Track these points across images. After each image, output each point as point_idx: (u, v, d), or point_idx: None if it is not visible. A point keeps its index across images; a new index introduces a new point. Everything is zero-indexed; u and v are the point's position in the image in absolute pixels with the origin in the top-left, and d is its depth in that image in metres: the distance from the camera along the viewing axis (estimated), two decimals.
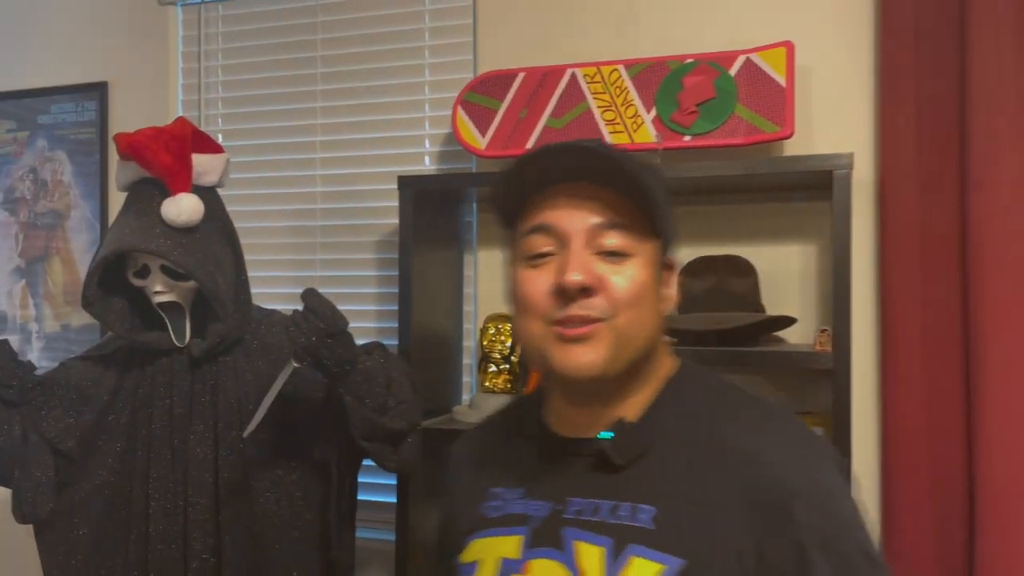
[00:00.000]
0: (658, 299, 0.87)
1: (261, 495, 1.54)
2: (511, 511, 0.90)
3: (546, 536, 0.85)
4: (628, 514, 0.81)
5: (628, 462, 0.84)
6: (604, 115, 1.72)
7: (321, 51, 2.15)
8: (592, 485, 0.85)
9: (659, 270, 0.87)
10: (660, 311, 0.88)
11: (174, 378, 1.54)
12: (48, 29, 2.39)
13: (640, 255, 0.84)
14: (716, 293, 1.62)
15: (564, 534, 0.84)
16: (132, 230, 1.43)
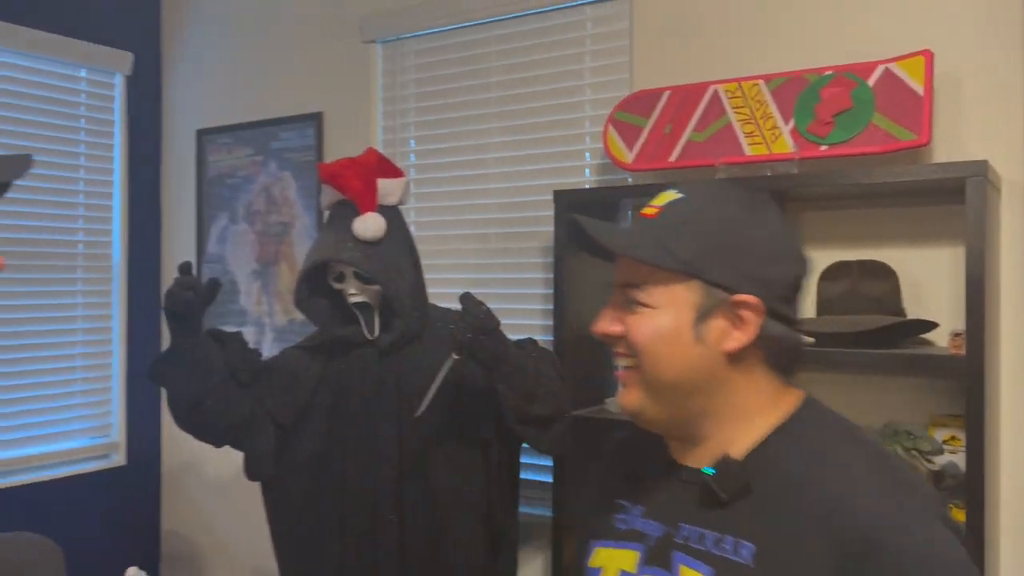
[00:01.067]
0: (695, 339, 0.87)
1: (436, 468, 1.81)
2: (633, 527, 0.94)
3: (658, 556, 0.89)
4: (731, 548, 0.83)
5: (731, 497, 0.85)
6: (744, 127, 1.82)
7: (496, 77, 2.40)
8: (700, 514, 0.87)
9: (700, 311, 0.87)
10: (700, 351, 0.87)
11: (366, 367, 1.84)
12: (278, 68, 2.84)
13: (666, 303, 0.87)
14: (851, 296, 1.67)
15: (673, 557, 0.87)
16: (330, 244, 1.75)
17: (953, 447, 1.69)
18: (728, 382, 0.89)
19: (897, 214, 1.81)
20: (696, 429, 0.90)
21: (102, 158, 2.98)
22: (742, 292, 0.86)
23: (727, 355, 0.87)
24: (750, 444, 0.88)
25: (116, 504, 3.00)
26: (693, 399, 0.89)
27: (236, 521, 2.96)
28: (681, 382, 0.88)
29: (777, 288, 0.88)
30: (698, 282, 0.87)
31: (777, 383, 0.91)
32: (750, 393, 0.89)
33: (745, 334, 0.86)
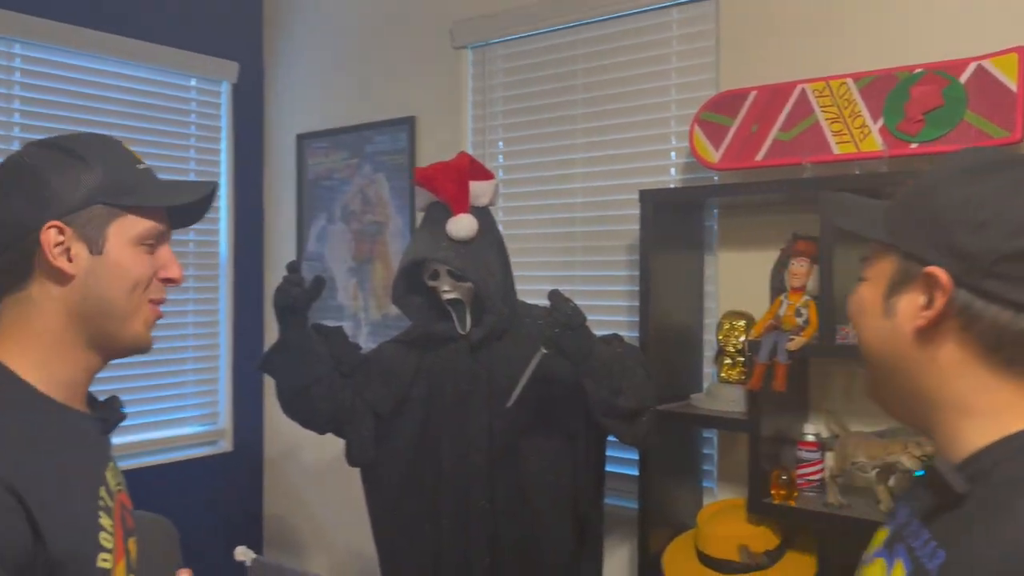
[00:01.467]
0: (884, 313, 0.82)
1: (526, 458, 1.89)
2: (898, 507, 0.91)
3: (892, 541, 0.86)
4: (929, 552, 0.78)
5: (939, 503, 0.78)
6: (832, 126, 1.83)
7: (582, 79, 2.46)
8: (926, 509, 0.81)
9: (891, 283, 0.82)
10: (888, 327, 0.82)
11: (459, 360, 1.94)
12: (373, 74, 2.97)
13: (873, 276, 0.85)
14: None
15: (896, 547, 0.84)
16: (425, 243, 1.85)
17: None
18: (927, 365, 0.80)
19: None
20: (917, 419, 0.84)
21: (210, 162, 3.17)
22: (932, 263, 0.77)
23: (916, 334, 0.79)
24: (974, 446, 0.78)
25: (222, 488, 3.20)
26: (895, 380, 0.83)
27: (333, 506, 3.11)
28: (876, 358, 0.84)
29: (983, 260, 0.75)
30: (896, 253, 0.81)
31: (1015, 380, 0.78)
32: (961, 384, 0.79)
33: (932, 311, 0.77)
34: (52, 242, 0.95)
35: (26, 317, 0.97)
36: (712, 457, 2.22)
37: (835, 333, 1.74)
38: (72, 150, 0.98)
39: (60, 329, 0.97)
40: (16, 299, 0.97)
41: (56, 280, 0.96)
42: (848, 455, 1.75)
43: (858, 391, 1.97)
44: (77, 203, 0.96)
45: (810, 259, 1.80)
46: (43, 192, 0.95)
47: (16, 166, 0.98)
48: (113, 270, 0.98)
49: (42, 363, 0.97)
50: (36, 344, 0.97)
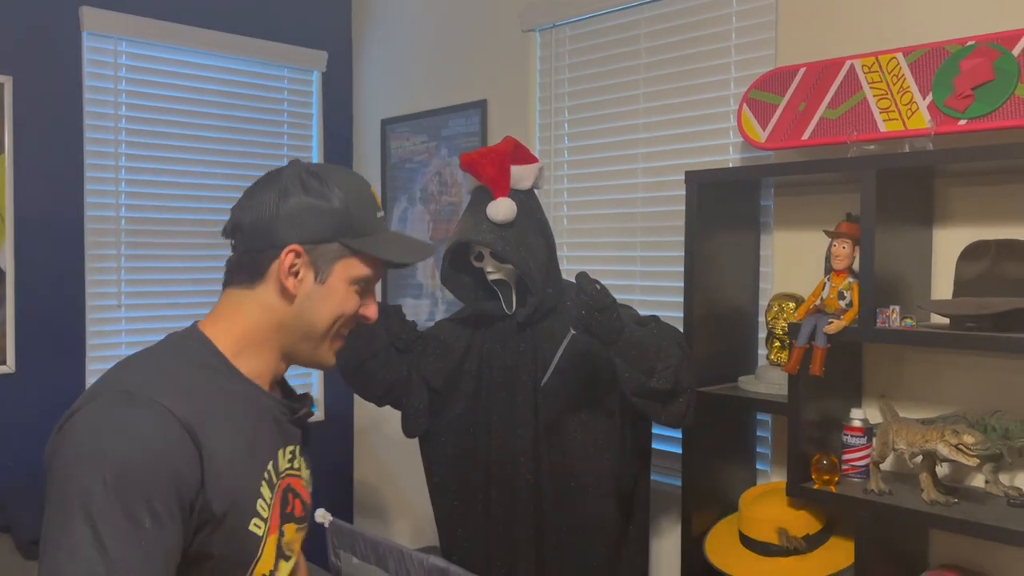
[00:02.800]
0: None
1: (570, 433, 1.95)
2: None
3: None
4: None
5: None
6: (879, 103, 1.77)
7: (644, 59, 2.46)
8: None
9: None
10: None
11: (506, 338, 2.01)
12: (448, 60, 3.06)
13: None
14: (988, 278, 1.60)
15: None
16: (468, 226, 1.92)
17: None
18: None
19: None
20: None
21: (302, 148, 3.36)
22: None
23: None
24: None
25: (316, 456, 3.40)
26: None
27: (416, 475, 3.26)
28: None
29: None
30: None
31: None
32: None
33: None
34: (289, 263, 1.07)
35: (243, 312, 1.10)
36: (767, 439, 2.20)
37: (875, 316, 1.69)
38: (332, 186, 1.09)
39: (266, 332, 1.10)
40: (240, 294, 1.11)
41: (279, 293, 1.09)
42: (889, 441, 1.71)
43: (909, 376, 1.91)
44: (321, 236, 1.08)
45: (852, 240, 1.76)
46: (301, 217, 1.07)
47: (289, 180, 1.09)
48: (327, 300, 1.11)
49: (241, 350, 1.10)
50: (242, 335, 1.10)
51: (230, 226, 1.12)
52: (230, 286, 1.12)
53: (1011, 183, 1.74)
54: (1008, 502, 1.67)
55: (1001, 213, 1.76)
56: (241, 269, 1.11)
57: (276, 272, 1.08)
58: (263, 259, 1.08)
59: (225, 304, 1.12)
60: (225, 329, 1.10)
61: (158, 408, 0.96)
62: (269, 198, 1.08)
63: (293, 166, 1.12)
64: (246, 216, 1.09)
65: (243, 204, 1.11)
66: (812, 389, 1.83)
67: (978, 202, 1.79)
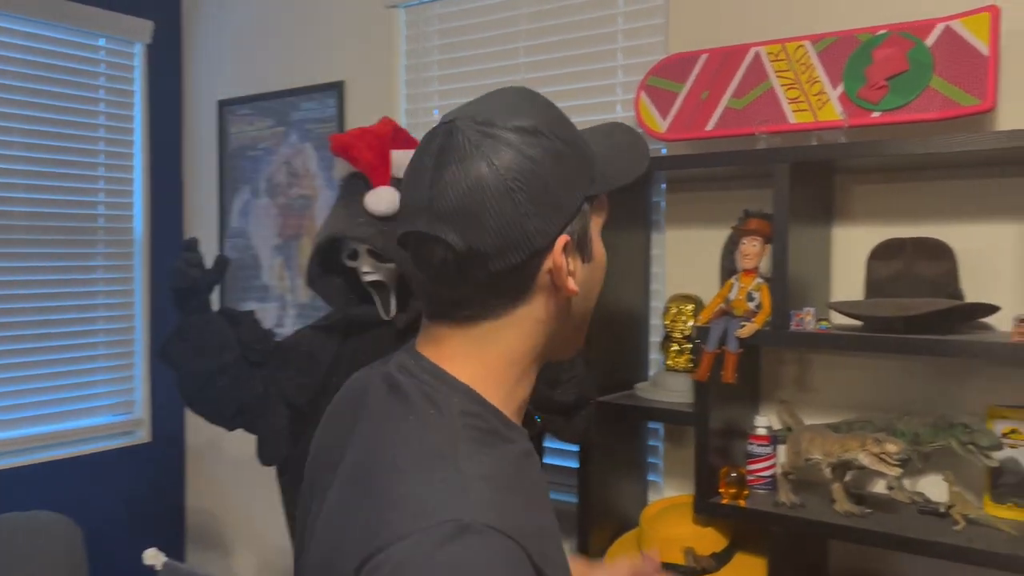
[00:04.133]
0: None
1: None
2: None
3: None
4: None
5: None
6: (787, 93, 1.68)
7: (523, 41, 2.27)
8: None
9: None
10: None
11: (383, 348, 1.75)
12: (298, 35, 2.74)
13: None
14: (903, 278, 1.53)
15: None
16: (340, 219, 1.65)
17: (1014, 441, 1.56)
18: None
19: (956, 187, 1.66)
20: None
21: (122, 130, 2.92)
22: None
23: None
24: None
25: (141, 481, 2.98)
26: None
27: (260, 499, 2.91)
28: None
29: None
30: None
31: None
32: None
33: None
34: (564, 263, 0.77)
35: (505, 342, 0.79)
36: (659, 450, 2.08)
37: (789, 319, 1.59)
38: (542, 131, 0.76)
39: (536, 351, 0.81)
40: (494, 325, 0.79)
41: (553, 300, 0.79)
42: (802, 450, 1.62)
43: (812, 379, 1.84)
44: (573, 205, 0.78)
45: (763, 238, 1.66)
46: (546, 197, 0.75)
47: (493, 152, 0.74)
48: (597, 275, 0.84)
49: (511, 388, 0.81)
50: (509, 368, 0.80)
51: (454, 259, 0.75)
52: (471, 322, 0.79)
53: (914, 180, 1.70)
54: (918, 510, 1.62)
55: (901, 211, 1.72)
56: (488, 297, 0.78)
57: (544, 281, 0.78)
58: (526, 273, 0.77)
59: (467, 340, 0.79)
60: (483, 369, 0.79)
61: (500, 541, 0.68)
62: (495, 193, 0.74)
63: (468, 128, 0.76)
64: (484, 237, 0.74)
65: (464, 220, 0.74)
66: (717, 397, 1.71)
67: (879, 200, 1.75)
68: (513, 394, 0.81)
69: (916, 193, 1.70)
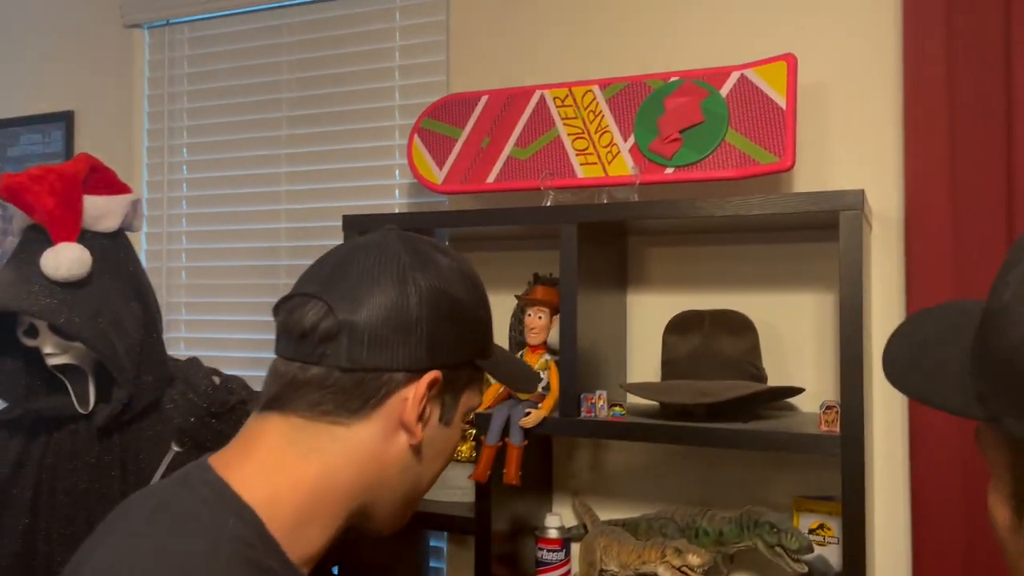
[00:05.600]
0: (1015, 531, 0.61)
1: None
2: None
3: None
4: None
5: None
6: (575, 144, 1.47)
7: (287, 74, 1.96)
8: None
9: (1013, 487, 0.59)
10: None
11: (79, 448, 1.36)
12: (14, 59, 2.28)
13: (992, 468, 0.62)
14: (703, 357, 1.34)
15: None
16: (8, 285, 1.25)
17: (822, 537, 1.39)
18: None
19: (755, 252, 1.51)
20: None
21: None
22: None
23: None
24: None
25: None
26: None
27: None
28: None
29: None
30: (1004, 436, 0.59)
31: None
32: None
33: None
34: (423, 398, 0.73)
35: (324, 455, 0.71)
36: (443, 552, 1.78)
37: (580, 404, 1.36)
38: (465, 279, 0.78)
39: (348, 493, 0.72)
40: (315, 431, 0.71)
41: (389, 438, 0.73)
42: (596, 560, 1.38)
43: (609, 468, 1.62)
44: (460, 356, 0.77)
45: (551, 309, 1.42)
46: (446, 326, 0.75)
47: (409, 264, 0.75)
48: (444, 447, 0.79)
49: (304, 527, 0.69)
50: (310, 498, 0.70)
51: (328, 325, 0.71)
52: (291, 411, 0.72)
53: (711, 244, 1.54)
54: None
55: (699, 277, 1.55)
56: (327, 392, 0.72)
57: (396, 407, 0.73)
58: (378, 386, 0.72)
59: (279, 444, 0.71)
60: (279, 488, 0.69)
61: None
62: (394, 291, 0.72)
63: (405, 240, 0.78)
64: (366, 319, 0.71)
65: (346, 292, 0.72)
66: (502, 495, 1.45)
67: (675, 264, 1.57)
68: (304, 535, 0.69)
69: (714, 258, 1.54)
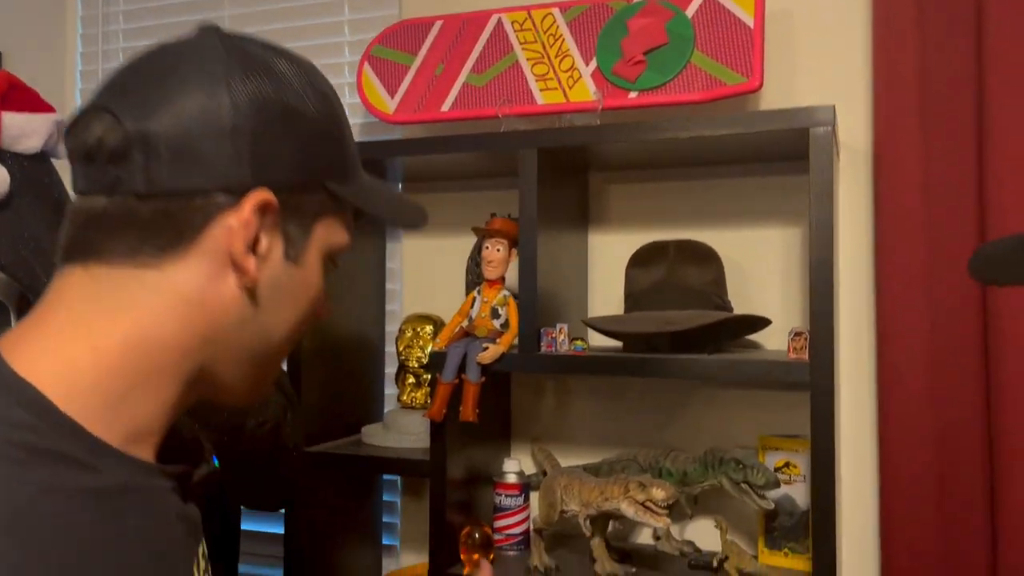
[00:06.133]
0: None
1: None
2: None
3: None
4: None
5: None
6: (534, 69, 1.40)
7: (229, 9, 1.86)
8: None
9: None
10: None
11: None
12: None
13: None
14: (667, 288, 1.29)
15: None
16: None
17: (788, 475, 1.35)
18: None
19: (718, 187, 1.46)
20: None
21: None
22: None
23: None
24: None
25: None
26: None
27: None
28: None
29: None
30: None
31: None
32: None
33: None
34: (252, 226, 0.56)
35: (134, 308, 0.55)
36: (396, 506, 1.70)
37: (539, 339, 1.30)
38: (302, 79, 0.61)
39: (185, 350, 0.57)
40: (121, 277, 0.55)
41: (216, 279, 0.56)
42: (556, 501, 1.32)
43: (570, 412, 1.56)
44: (298, 173, 0.58)
45: (509, 241, 1.35)
46: (271, 136, 0.56)
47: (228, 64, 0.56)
48: (298, 293, 0.62)
49: (121, 398, 0.54)
50: (124, 362, 0.54)
51: (115, 138, 0.54)
52: (92, 260, 0.56)
53: (674, 179, 1.49)
54: (689, 563, 1.37)
55: (661, 214, 1.50)
56: (131, 226, 0.55)
57: (219, 239, 0.56)
58: (190, 213, 0.55)
59: (77, 304, 0.56)
60: (76, 359, 0.54)
61: None
62: (202, 93, 0.55)
63: (229, 40, 0.58)
64: (158, 121, 0.54)
65: (139, 97, 0.55)
66: (458, 438, 1.38)
67: (637, 201, 1.51)
68: (124, 409, 0.55)
69: (677, 194, 1.49)
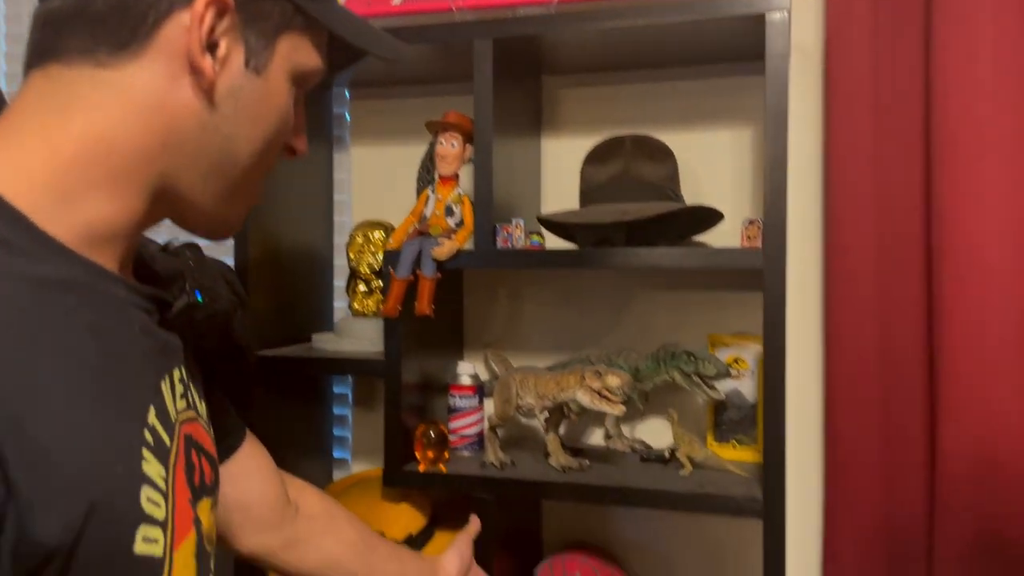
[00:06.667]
0: None
1: None
2: None
3: None
4: None
5: None
6: None
7: None
8: None
9: None
10: None
11: None
12: None
13: None
14: (623, 181, 1.29)
15: None
16: None
17: (737, 371, 1.38)
18: None
19: (671, 89, 1.46)
20: None
21: None
22: None
23: None
24: None
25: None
26: None
27: None
28: None
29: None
30: None
31: None
32: None
33: None
34: (208, 23, 0.55)
35: (79, 112, 0.54)
36: (347, 419, 1.69)
37: (495, 234, 1.29)
38: None
39: (131, 155, 0.55)
40: (76, 76, 0.55)
41: (172, 79, 0.56)
42: (512, 397, 1.32)
43: (524, 316, 1.56)
44: None
45: (463, 135, 1.34)
46: None
47: None
48: (261, 107, 0.60)
49: (64, 192, 0.54)
50: (71, 160, 0.54)
51: None
52: (51, 61, 0.55)
53: (625, 83, 1.48)
54: (641, 458, 1.39)
55: (614, 118, 1.49)
56: (84, 21, 0.54)
57: (174, 38, 0.55)
58: (144, 8, 0.54)
59: (31, 104, 0.55)
60: (29, 154, 0.53)
61: None
62: None
63: None
64: None
65: None
66: (412, 340, 1.37)
67: (589, 106, 1.51)
68: (79, 205, 0.54)
69: (631, 97, 1.48)
